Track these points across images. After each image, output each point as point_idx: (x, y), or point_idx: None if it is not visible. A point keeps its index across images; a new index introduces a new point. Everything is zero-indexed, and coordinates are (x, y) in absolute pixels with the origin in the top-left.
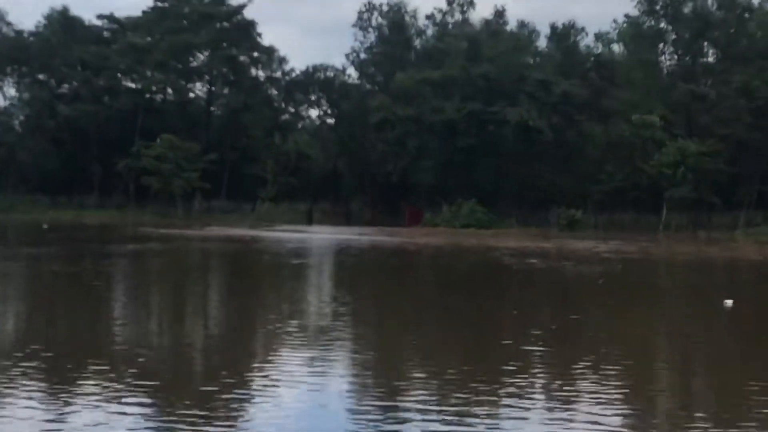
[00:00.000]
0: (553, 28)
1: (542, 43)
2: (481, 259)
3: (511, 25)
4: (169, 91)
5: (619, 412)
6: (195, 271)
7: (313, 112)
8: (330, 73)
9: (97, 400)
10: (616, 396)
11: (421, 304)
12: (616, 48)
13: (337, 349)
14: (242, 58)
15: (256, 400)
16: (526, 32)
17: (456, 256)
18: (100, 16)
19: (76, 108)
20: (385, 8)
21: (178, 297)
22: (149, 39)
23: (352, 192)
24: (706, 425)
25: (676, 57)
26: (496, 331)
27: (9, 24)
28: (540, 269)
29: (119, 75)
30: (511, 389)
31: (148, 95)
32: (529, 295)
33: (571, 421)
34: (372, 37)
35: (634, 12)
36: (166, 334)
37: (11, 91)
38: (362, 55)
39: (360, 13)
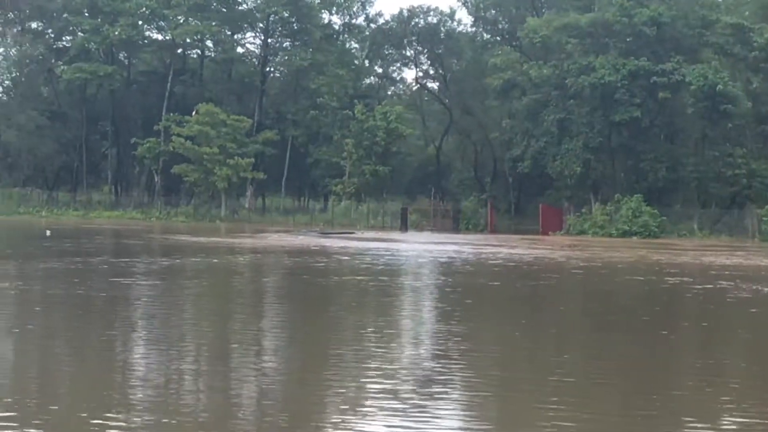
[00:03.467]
0: None
1: None
2: (711, 289)
3: None
4: (209, 44)
5: None
6: (253, 305)
7: (410, 74)
8: (433, 19)
9: None
10: None
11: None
12: None
13: None
14: None
15: None
16: None
17: (667, 280)
18: None
19: (82, 69)
20: None
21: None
22: None
23: (463, 186)
24: None
25: None
26: None
27: None
28: None
29: (140, 23)
30: None
31: (180, 51)
32: None
33: None
34: None
35: None
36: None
37: None
38: None
39: None
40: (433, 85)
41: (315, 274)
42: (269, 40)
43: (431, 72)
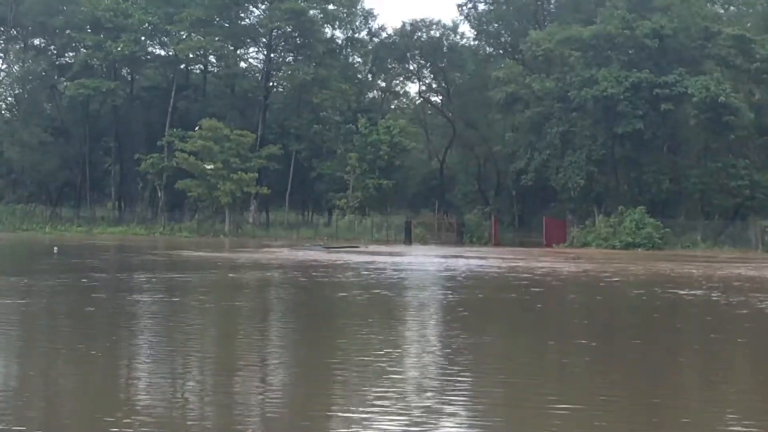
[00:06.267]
0: None
1: None
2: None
3: None
4: (212, 59)
5: None
6: (262, 321)
7: (413, 88)
8: (435, 33)
9: None
10: None
11: None
12: None
13: None
14: (312, 12)
15: None
16: None
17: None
18: None
19: (84, 85)
20: None
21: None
22: None
23: (467, 199)
24: None
25: None
26: None
27: None
28: None
29: (143, 39)
30: None
31: (182, 66)
32: None
33: None
34: None
35: None
36: None
37: None
38: (481, 6)
39: None
40: (437, 99)
41: (335, 288)
42: (272, 55)
43: (434, 86)
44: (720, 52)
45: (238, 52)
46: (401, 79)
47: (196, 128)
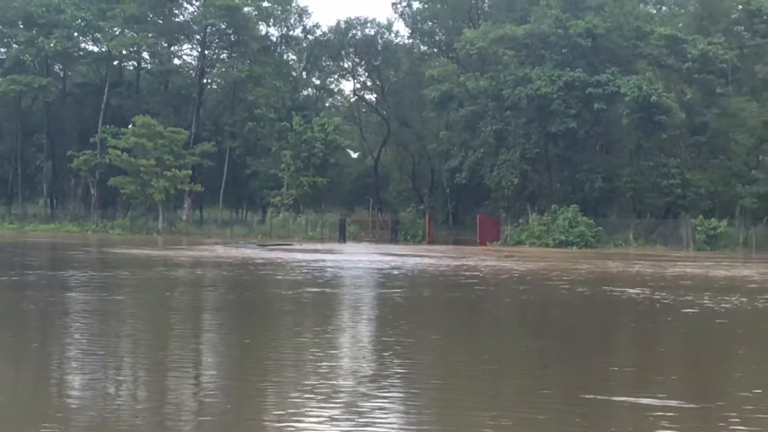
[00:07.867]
0: None
1: None
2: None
3: None
4: (146, 56)
5: None
6: (194, 319)
7: (347, 86)
8: (370, 31)
9: None
10: None
11: None
12: None
13: None
14: (247, 9)
15: None
16: None
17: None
18: None
19: (16, 81)
20: None
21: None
22: None
23: (401, 197)
24: None
25: None
26: None
27: None
28: None
29: (76, 35)
30: None
31: (116, 62)
32: None
33: None
34: None
35: None
36: None
37: None
38: (415, 5)
39: None
40: (371, 97)
41: (273, 286)
42: (206, 52)
43: (369, 84)
44: (652, 51)
45: (172, 48)
46: (336, 76)
47: (130, 125)
